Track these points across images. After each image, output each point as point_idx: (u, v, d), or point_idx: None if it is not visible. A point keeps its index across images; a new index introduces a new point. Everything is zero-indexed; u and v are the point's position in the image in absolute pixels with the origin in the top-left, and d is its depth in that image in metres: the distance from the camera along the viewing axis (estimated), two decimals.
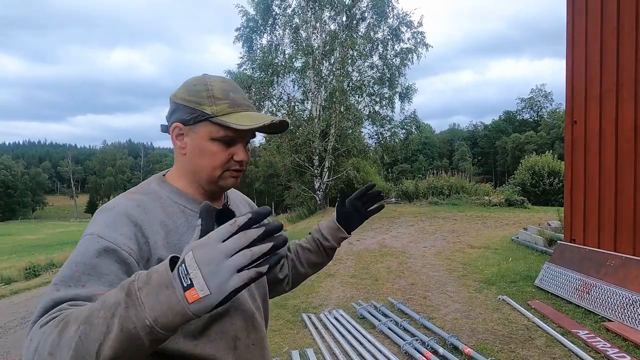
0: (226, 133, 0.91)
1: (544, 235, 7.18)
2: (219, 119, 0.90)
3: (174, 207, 0.93)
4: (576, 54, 5.20)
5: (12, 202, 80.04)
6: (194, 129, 0.92)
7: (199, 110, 0.91)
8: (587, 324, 3.86)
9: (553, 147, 42.78)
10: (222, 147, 0.92)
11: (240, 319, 0.94)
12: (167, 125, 0.97)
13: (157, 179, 0.99)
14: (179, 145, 0.95)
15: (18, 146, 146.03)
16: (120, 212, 0.87)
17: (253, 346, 0.96)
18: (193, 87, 0.93)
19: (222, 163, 0.93)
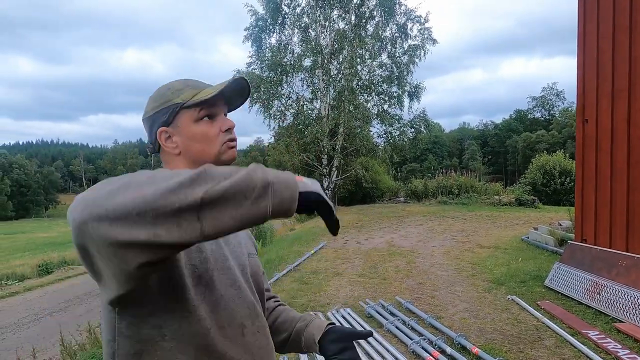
0: (204, 110, 0.96)
1: (555, 235, 7.10)
2: (191, 102, 0.95)
3: None
4: (588, 51, 5.13)
5: (26, 201, 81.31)
6: (176, 124, 0.96)
7: (171, 106, 0.96)
8: (598, 324, 3.81)
9: (565, 146, 42.23)
10: (208, 124, 0.97)
11: (244, 307, 0.96)
12: (151, 141, 1.00)
13: None
14: (171, 146, 0.97)
15: (31, 145, 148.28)
16: None
17: (258, 333, 0.99)
18: (156, 95, 0.99)
19: (214, 138, 0.97)
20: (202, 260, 0.89)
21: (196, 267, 0.88)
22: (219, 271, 0.92)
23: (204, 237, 0.63)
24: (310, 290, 5.35)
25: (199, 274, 0.88)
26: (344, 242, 8.97)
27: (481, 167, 60.13)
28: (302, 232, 11.46)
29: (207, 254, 0.91)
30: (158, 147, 1.00)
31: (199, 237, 0.63)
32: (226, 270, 0.94)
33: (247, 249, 1.06)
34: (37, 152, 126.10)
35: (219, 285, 0.91)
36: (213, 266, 0.91)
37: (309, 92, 18.22)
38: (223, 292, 0.92)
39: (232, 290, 0.94)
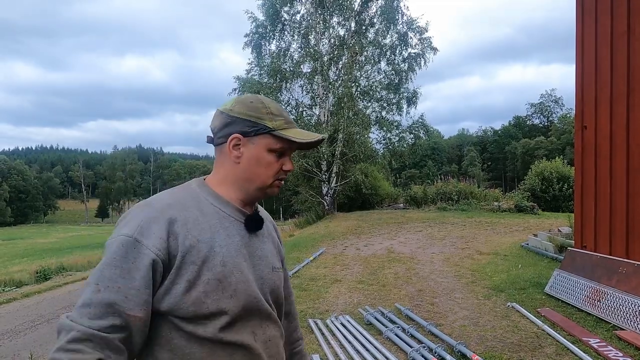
0: (282, 145, 1.02)
1: (554, 241, 7.08)
2: (279, 133, 1.01)
3: (209, 207, 1.01)
4: (586, 58, 5.15)
5: (25, 206, 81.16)
6: (252, 140, 1.02)
7: (260, 124, 1.01)
8: (599, 332, 3.79)
9: (564, 152, 42.33)
10: (276, 158, 1.03)
11: (257, 317, 1.02)
12: (218, 137, 1.04)
13: (198, 181, 1.08)
14: (235, 154, 1.02)
15: (31, 151, 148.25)
16: (157, 208, 0.96)
17: (269, 342, 1.04)
18: (250, 104, 1.03)
19: (275, 172, 1.04)
20: (225, 275, 0.96)
21: (220, 280, 0.95)
22: (240, 284, 0.99)
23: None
24: (309, 297, 5.32)
25: (223, 287, 0.95)
26: (343, 248, 8.94)
27: (480, 174, 60.17)
28: (301, 238, 11.42)
29: (230, 267, 0.98)
30: (218, 142, 1.05)
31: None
32: (245, 282, 1.00)
33: (273, 263, 1.11)
34: (37, 157, 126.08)
35: (240, 296, 0.98)
36: (235, 279, 0.98)
37: (309, 98, 18.26)
38: (242, 302, 0.98)
39: (249, 300, 0.99)
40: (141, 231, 0.91)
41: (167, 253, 0.91)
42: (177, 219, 0.95)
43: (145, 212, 0.95)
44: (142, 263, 0.88)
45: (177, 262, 0.91)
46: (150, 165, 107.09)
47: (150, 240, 0.90)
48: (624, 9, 4.49)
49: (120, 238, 0.91)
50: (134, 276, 0.88)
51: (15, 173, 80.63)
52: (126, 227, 0.92)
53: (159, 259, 0.90)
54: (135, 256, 0.89)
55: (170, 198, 1.00)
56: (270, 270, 1.08)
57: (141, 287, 0.88)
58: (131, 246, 0.89)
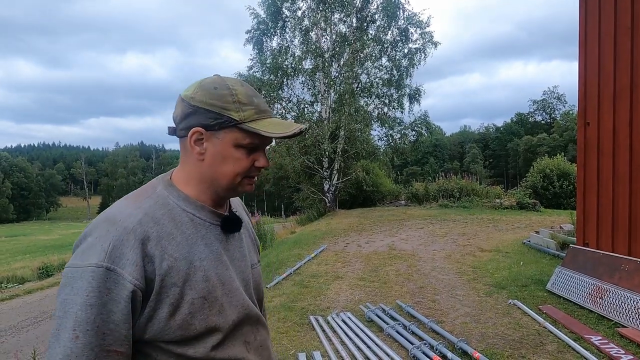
0: (253, 140, 0.90)
1: (556, 238, 7.06)
2: (247, 126, 0.88)
3: (182, 215, 0.90)
4: (589, 54, 5.11)
5: (27, 203, 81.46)
6: (217, 134, 0.89)
7: (225, 116, 0.88)
8: (601, 329, 3.78)
9: (566, 149, 42.23)
10: (245, 154, 0.91)
11: (247, 325, 0.97)
12: (180, 128, 0.92)
13: (164, 182, 0.95)
14: (198, 150, 0.90)
15: (33, 148, 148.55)
16: (126, 228, 0.83)
17: (261, 348, 1.00)
18: (214, 90, 0.89)
19: (245, 169, 0.92)
20: (210, 290, 0.88)
21: (205, 298, 0.87)
22: (227, 295, 0.92)
23: None
24: (311, 294, 5.32)
25: (209, 304, 0.88)
26: (345, 245, 8.94)
27: (482, 170, 60.10)
28: (302, 235, 11.43)
29: (214, 280, 0.90)
30: (180, 135, 0.93)
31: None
32: (233, 292, 0.93)
33: (251, 259, 1.04)
34: (39, 154, 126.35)
35: (228, 310, 0.91)
36: (221, 292, 0.90)
37: (310, 95, 18.23)
38: (233, 316, 0.92)
39: (239, 310, 0.94)
40: (112, 258, 0.79)
41: (145, 279, 0.81)
42: (150, 238, 0.84)
43: (112, 234, 0.82)
44: (120, 295, 0.79)
45: (156, 286, 0.82)
46: (152, 162, 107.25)
47: (126, 268, 0.80)
48: (628, 3, 4.45)
49: (89, 270, 0.79)
50: (111, 310, 0.78)
51: (17, 170, 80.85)
52: (93, 254, 0.80)
53: (137, 289, 0.80)
54: (110, 288, 0.79)
55: (137, 211, 0.86)
56: (251, 269, 1.02)
57: (120, 322, 0.79)
58: (103, 277, 0.78)
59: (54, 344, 0.78)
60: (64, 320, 0.78)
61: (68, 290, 0.79)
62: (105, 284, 0.78)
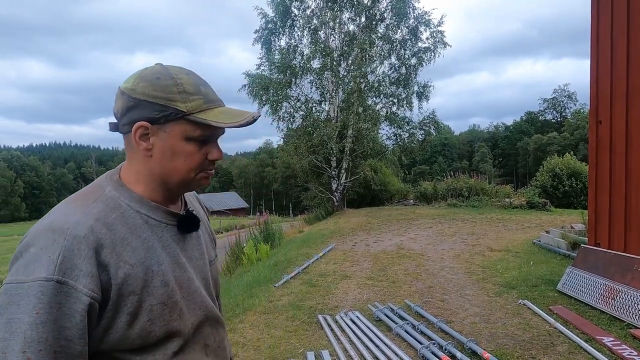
0: (203, 132, 0.84)
1: (567, 238, 6.98)
2: (196, 117, 0.82)
3: (136, 218, 0.84)
4: (601, 51, 5.04)
5: (39, 202, 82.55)
6: (164, 128, 0.83)
7: (170, 108, 0.82)
8: (613, 330, 3.73)
9: (577, 148, 41.75)
10: (197, 147, 0.85)
11: (207, 326, 0.94)
12: (122, 124, 0.86)
13: (112, 182, 0.88)
14: (144, 146, 0.84)
15: (45, 147, 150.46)
16: (77, 237, 0.76)
17: (219, 348, 0.97)
18: (157, 80, 0.82)
19: (198, 164, 0.86)
20: (169, 294, 0.84)
21: (165, 303, 0.83)
22: (186, 298, 0.88)
23: None
24: (319, 293, 5.32)
25: (169, 309, 0.84)
26: (353, 244, 8.93)
27: (491, 170, 59.64)
28: (310, 235, 11.43)
29: (172, 284, 0.86)
30: (123, 131, 0.87)
31: None
32: (192, 294, 0.90)
33: (209, 256, 1.00)
34: (50, 154, 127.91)
35: (187, 314, 0.88)
36: (180, 295, 0.87)
37: (318, 94, 18.22)
38: (192, 319, 0.89)
39: (199, 313, 0.91)
40: (62, 270, 0.72)
41: (100, 290, 0.76)
42: (104, 245, 0.77)
43: (59, 244, 0.74)
44: (73, 309, 0.72)
45: (112, 296, 0.77)
46: None
47: (79, 280, 0.73)
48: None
49: (36, 285, 0.71)
50: (63, 325, 0.72)
51: (29, 169, 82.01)
52: (40, 267, 0.72)
53: (94, 301, 0.75)
54: (61, 302, 0.72)
55: (86, 217, 0.79)
56: (209, 265, 0.99)
57: (75, 338, 0.73)
58: (54, 292, 0.71)
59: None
60: (11, 342, 0.69)
61: (13, 309, 0.71)
62: (56, 298, 0.71)
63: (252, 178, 76.70)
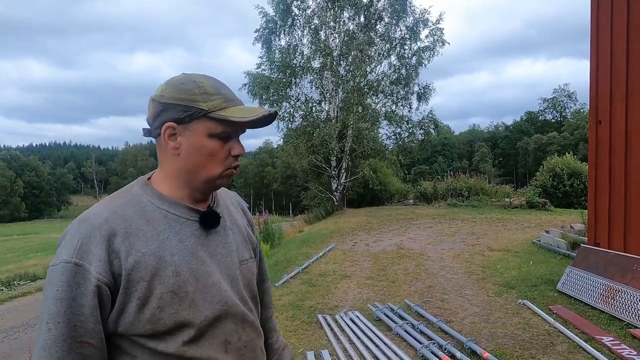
0: (225, 128, 0.91)
1: (567, 238, 6.99)
2: (217, 114, 0.90)
3: (155, 212, 0.91)
4: (601, 52, 5.05)
5: (39, 202, 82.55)
6: (189, 127, 0.90)
7: (194, 107, 0.89)
8: (612, 330, 3.73)
9: (577, 148, 41.75)
10: (220, 143, 0.92)
11: (229, 323, 0.94)
12: (154, 128, 0.94)
13: (141, 182, 0.97)
14: (172, 145, 0.91)
15: (44, 147, 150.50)
16: (93, 225, 0.86)
17: (245, 348, 0.96)
18: (181, 85, 0.91)
19: (222, 160, 0.93)
20: (180, 285, 0.88)
21: (175, 292, 0.87)
22: (202, 291, 0.91)
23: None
24: (319, 293, 5.33)
25: (179, 299, 0.87)
26: (353, 244, 8.94)
27: (491, 169, 59.62)
28: (310, 234, 11.44)
29: (186, 275, 0.89)
30: (155, 134, 0.94)
31: None
32: (209, 287, 0.92)
33: (240, 256, 1.02)
34: (50, 154, 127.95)
35: (201, 306, 0.90)
36: (193, 287, 0.89)
37: (318, 94, 18.22)
38: (207, 312, 0.90)
39: (216, 307, 0.92)
40: (79, 254, 0.83)
41: (111, 275, 0.84)
42: (117, 234, 0.86)
43: (80, 231, 0.86)
44: (87, 289, 0.82)
45: (123, 281, 0.84)
46: None
47: (92, 264, 0.83)
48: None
49: (60, 266, 0.83)
50: (80, 303, 0.81)
51: (29, 169, 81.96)
52: (64, 251, 0.84)
53: (102, 284, 0.83)
54: (79, 282, 0.82)
55: (107, 210, 0.89)
56: (238, 265, 1.00)
57: (88, 315, 0.82)
58: (72, 272, 0.82)
59: (36, 338, 0.83)
60: (42, 315, 0.83)
61: (46, 287, 0.84)
62: (74, 278, 0.82)
63: (252, 178, 76.70)
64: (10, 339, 6.43)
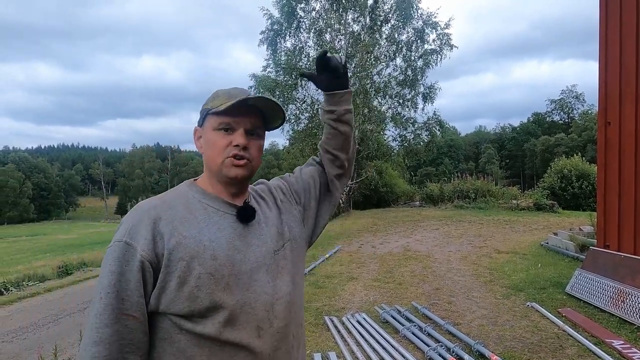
0: (221, 120, 1.02)
1: (576, 240, 6.93)
2: (213, 110, 1.02)
3: (197, 205, 1.03)
4: (610, 53, 5.00)
5: (47, 203, 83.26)
6: (203, 127, 1.06)
7: (204, 109, 1.06)
8: (622, 333, 3.69)
9: (585, 149, 41.34)
10: (222, 135, 1.02)
11: (262, 310, 1.00)
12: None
13: (189, 182, 1.11)
14: (199, 145, 1.08)
15: (53, 149, 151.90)
16: (144, 210, 0.99)
17: (278, 334, 1.02)
18: (209, 97, 1.07)
19: (221, 149, 1.02)
20: (217, 268, 0.96)
21: (212, 274, 0.95)
22: (236, 276, 0.97)
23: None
24: (325, 295, 5.32)
25: (215, 280, 0.95)
26: (359, 246, 8.92)
27: (498, 171, 59.24)
28: None
29: (222, 260, 0.97)
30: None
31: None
32: (242, 274, 0.98)
33: (275, 246, 1.08)
34: (58, 155, 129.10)
35: (235, 290, 0.97)
36: (228, 271, 0.97)
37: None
38: (239, 296, 0.97)
39: (248, 294, 0.98)
40: (130, 234, 0.94)
41: (154, 253, 0.93)
42: (162, 218, 0.97)
43: (132, 215, 0.99)
44: (133, 265, 0.92)
45: (164, 260, 0.93)
46: (167, 163, 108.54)
47: (138, 242, 0.93)
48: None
49: (114, 245, 0.95)
50: (128, 278, 0.91)
51: (37, 171, 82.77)
52: (118, 233, 0.96)
53: (145, 260, 0.92)
54: (128, 259, 0.92)
55: (157, 200, 1.03)
56: (273, 255, 1.05)
57: (134, 289, 0.91)
58: (122, 250, 0.93)
59: (90, 309, 0.93)
60: (97, 288, 0.93)
61: (102, 264, 0.95)
62: (124, 255, 0.92)
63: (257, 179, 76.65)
64: (20, 339, 6.49)
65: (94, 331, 0.90)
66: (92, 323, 0.91)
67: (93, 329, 0.90)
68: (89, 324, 0.91)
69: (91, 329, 0.90)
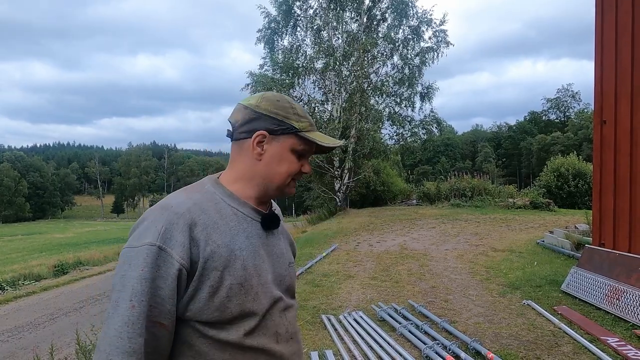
0: (305, 147, 1.03)
1: (571, 238, 6.96)
2: (304, 134, 1.02)
3: (226, 209, 1.00)
4: (605, 52, 5.02)
5: (43, 202, 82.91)
6: (278, 138, 1.01)
7: (287, 124, 1.01)
8: (617, 331, 3.71)
9: (581, 148, 41.56)
10: (296, 158, 1.03)
11: (278, 316, 1.02)
12: (240, 131, 1.03)
13: (212, 180, 1.06)
14: (258, 151, 1.01)
15: (48, 148, 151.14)
16: (177, 213, 0.93)
17: (291, 340, 1.05)
18: (277, 102, 1.02)
19: (295, 171, 1.04)
20: (246, 278, 0.95)
21: (242, 285, 0.95)
22: (262, 286, 0.99)
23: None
24: (322, 293, 5.33)
25: (245, 291, 0.95)
26: (356, 244, 8.93)
27: (495, 170, 59.42)
28: (313, 235, 11.45)
29: (251, 269, 0.97)
30: (239, 137, 1.03)
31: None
32: (266, 284, 1.00)
33: (288, 258, 1.11)
34: (54, 154, 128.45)
35: (262, 299, 0.98)
36: (256, 281, 0.98)
37: (321, 94, 18.22)
38: (264, 304, 0.98)
39: (272, 302, 1.01)
40: (164, 239, 0.89)
41: (190, 260, 0.90)
42: (197, 224, 0.93)
43: (165, 217, 0.92)
44: (168, 272, 0.88)
45: (199, 268, 0.90)
46: (164, 162, 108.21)
47: (175, 249, 0.89)
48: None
49: (144, 248, 0.89)
50: (160, 285, 0.87)
51: (33, 170, 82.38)
52: (148, 235, 0.90)
53: (183, 268, 0.89)
54: (161, 265, 0.88)
55: (188, 200, 0.97)
56: (287, 267, 1.09)
57: (166, 297, 0.88)
58: (156, 255, 0.88)
59: (113, 314, 0.87)
60: (123, 293, 0.87)
61: (126, 267, 0.89)
62: (157, 261, 0.88)
63: None
64: (15, 338, 6.46)
65: (126, 340, 0.84)
66: (122, 331, 0.85)
67: (124, 338, 0.85)
68: (115, 331, 0.85)
69: (120, 337, 0.85)
